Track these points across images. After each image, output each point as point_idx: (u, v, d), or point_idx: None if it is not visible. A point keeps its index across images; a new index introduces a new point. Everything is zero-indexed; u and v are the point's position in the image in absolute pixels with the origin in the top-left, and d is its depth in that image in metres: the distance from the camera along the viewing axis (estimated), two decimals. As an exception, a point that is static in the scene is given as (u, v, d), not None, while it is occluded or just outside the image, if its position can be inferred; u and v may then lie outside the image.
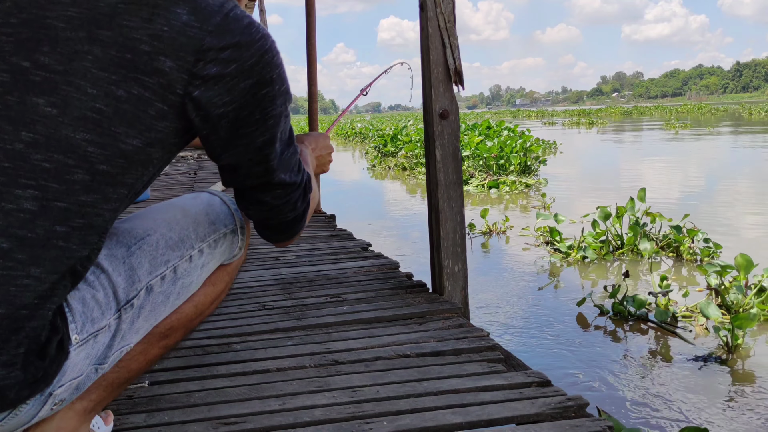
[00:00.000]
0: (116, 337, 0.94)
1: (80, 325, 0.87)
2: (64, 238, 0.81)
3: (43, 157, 0.78)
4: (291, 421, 1.29)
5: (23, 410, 0.85)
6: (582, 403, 1.34)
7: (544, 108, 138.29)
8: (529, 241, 5.23)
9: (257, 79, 0.89)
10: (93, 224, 0.84)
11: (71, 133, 0.80)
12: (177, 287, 1.04)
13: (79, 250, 0.83)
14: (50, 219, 0.79)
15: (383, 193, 9.34)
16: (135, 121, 0.83)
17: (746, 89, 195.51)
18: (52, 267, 0.80)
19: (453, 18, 2.10)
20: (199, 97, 0.86)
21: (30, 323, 0.79)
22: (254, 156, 0.96)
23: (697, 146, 15.14)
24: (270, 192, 1.02)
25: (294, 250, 3.02)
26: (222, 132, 0.91)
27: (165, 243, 1.01)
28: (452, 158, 2.18)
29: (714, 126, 25.17)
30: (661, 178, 9.16)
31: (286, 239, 1.13)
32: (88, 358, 0.90)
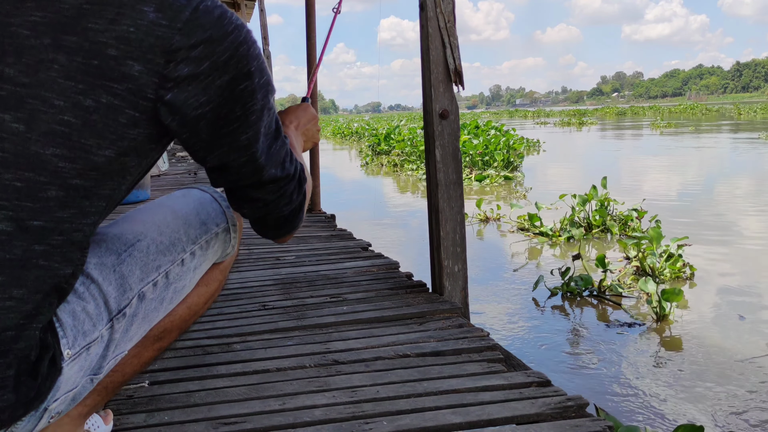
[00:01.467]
0: (110, 346, 0.92)
1: (72, 339, 0.85)
2: (44, 257, 0.78)
3: (13, 177, 0.75)
4: (291, 421, 1.29)
5: (19, 426, 0.83)
6: (582, 403, 1.34)
7: (542, 108, 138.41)
8: (504, 228, 5.86)
9: (234, 74, 0.84)
10: (73, 240, 0.81)
11: (40, 149, 0.76)
12: (170, 292, 1.02)
13: (61, 267, 0.80)
14: (27, 239, 0.77)
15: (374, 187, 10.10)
16: (105, 132, 0.79)
17: (746, 89, 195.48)
18: (34, 287, 0.78)
19: (453, 18, 2.10)
20: (173, 100, 0.82)
21: (17, 345, 0.77)
22: (240, 155, 0.91)
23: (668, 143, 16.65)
24: (262, 189, 0.97)
25: (294, 250, 3.02)
26: (203, 134, 0.87)
27: (156, 248, 0.98)
28: (452, 158, 2.18)
29: (697, 126, 26.25)
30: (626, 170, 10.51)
31: (285, 234, 1.08)
32: (81, 370, 0.89)
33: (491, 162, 10.31)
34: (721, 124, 26.79)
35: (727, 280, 4.00)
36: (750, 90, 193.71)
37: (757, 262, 4.43)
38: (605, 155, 14.19)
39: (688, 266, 4.01)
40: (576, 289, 3.61)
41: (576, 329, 3.18)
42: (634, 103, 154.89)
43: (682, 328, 3.06)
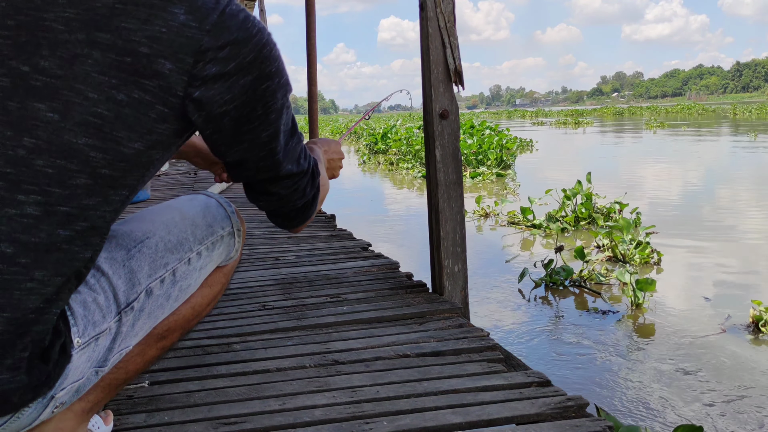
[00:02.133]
0: (116, 339, 0.95)
1: (82, 328, 0.87)
2: (67, 242, 0.81)
3: (45, 163, 0.78)
4: (291, 421, 1.29)
5: (25, 413, 0.85)
6: (582, 403, 1.34)
7: (542, 108, 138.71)
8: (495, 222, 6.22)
9: (257, 74, 0.89)
10: (95, 226, 0.84)
11: (73, 138, 0.79)
12: (176, 290, 1.05)
13: (81, 251, 0.83)
14: (53, 223, 0.80)
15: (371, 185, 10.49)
16: (136, 125, 0.83)
17: (746, 89, 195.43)
18: (55, 270, 0.80)
19: (453, 18, 2.10)
20: (200, 98, 0.86)
21: (35, 327, 0.79)
22: (260, 151, 0.97)
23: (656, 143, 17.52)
24: (278, 183, 1.03)
25: (294, 250, 3.03)
26: (225, 130, 0.92)
27: (164, 246, 1.02)
28: (452, 158, 2.18)
29: (689, 126, 26.80)
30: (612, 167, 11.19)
31: (298, 225, 1.15)
32: (89, 361, 0.91)
33: (485, 160, 10.79)
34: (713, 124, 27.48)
35: (692, 264, 4.44)
36: (750, 90, 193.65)
37: (719, 248, 4.93)
38: (595, 153, 14.87)
39: (656, 252, 4.40)
40: (558, 280, 3.83)
41: (556, 318, 3.37)
42: (634, 103, 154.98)
43: (654, 314, 3.31)
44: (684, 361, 2.71)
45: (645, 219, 5.40)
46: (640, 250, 4.38)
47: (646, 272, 4.10)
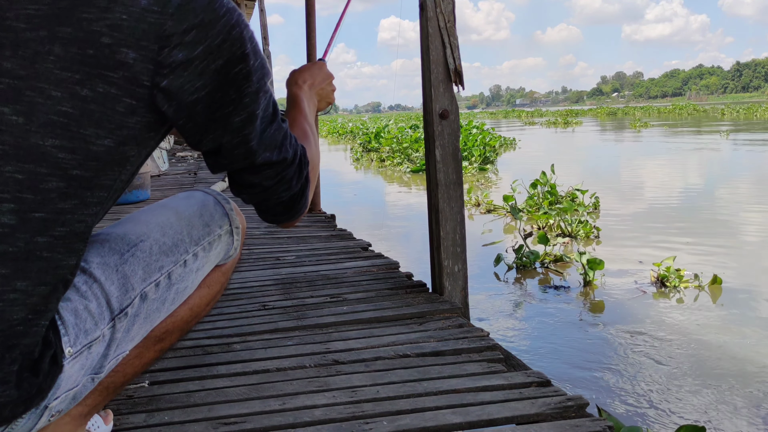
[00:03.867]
0: (111, 346, 0.92)
1: (73, 337, 0.85)
2: (47, 249, 0.78)
3: (14, 169, 0.75)
4: (291, 421, 1.29)
5: (19, 424, 0.83)
6: (582, 403, 1.34)
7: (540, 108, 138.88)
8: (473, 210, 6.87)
9: (228, 57, 0.84)
10: (75, 231, 0.81)
11: (40, 140, 0.76)
12: (172, 293, 1.01)
13: (64, 258, 0.81)
14: (30, 231, 0.77)
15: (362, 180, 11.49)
16: (104, 121, 0.79)
17: (746, 89, 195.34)
18: (38, 279, 0.78)
19: (453, 18, 2.10)
20: (169, 87, 0.82)
21: (24, 339, 0.77)
22: (233, 138, 0.90)
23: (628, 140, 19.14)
24: (260, 173, 0.96)
25: (294, 250, 3.02)
26: (198, 118, 0.87)
27: (159, 248, 0.98)
28: (452, 158, 2.18)
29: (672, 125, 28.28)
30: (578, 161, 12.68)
31: (288, 219, 1.06)
32: (83, 369, 0.89)
33: (469, 157, 11.73)
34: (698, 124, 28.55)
35: (628, 235, 5.40)
36: (750, 90, 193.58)
37: (647, 219, 6.10)
38: (569, 149, 16.64)
39: (596, 228, 5.37)
40: (528, 263, 4.36)
41: (521, 295, 3.90)
42: (634, 103, 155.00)
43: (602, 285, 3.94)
44: (621, 322, 3.27)
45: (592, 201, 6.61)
46: (583, 227, 5.30)
47: (589, 244, 5.09)
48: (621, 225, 5.87)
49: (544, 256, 4.45)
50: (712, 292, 3.71)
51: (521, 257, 4.37)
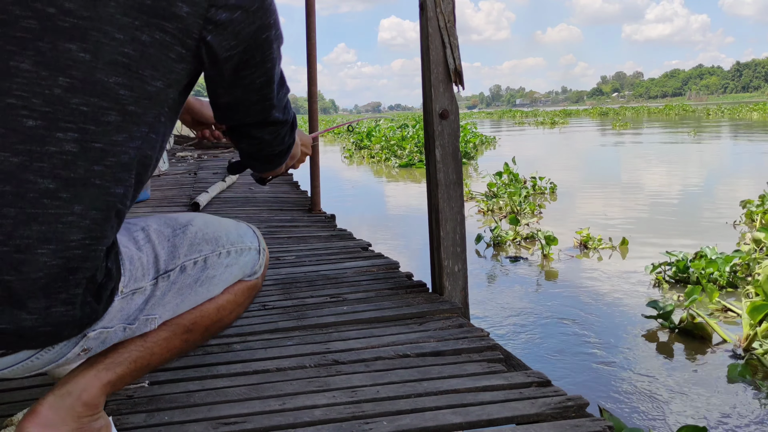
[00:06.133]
0: (148, 302, 1.02)
1: (127, 279, 0.96)
2: (100, 177, 0.86)
3: (80, 101, 0.83)
4: (291, 421, 1.29)
5: (57, 347, 0.92)
6: (582, 403, 1.34)
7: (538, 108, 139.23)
8: None
9: (259, 24, 0.96)
10: (122, 162, 0.89)
11: (104, 77, 0.84)
12: (204, 276, 1.11)
13: (113, 187, 0.88)
14: (89, 159, 0.85)
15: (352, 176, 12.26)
16: (159, 64, 0.89)
17: (746, 89, 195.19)
18: (92, 204, 0.86)
19: (453, 18, 2.10)
20: (212, 42, 0.92)
21: (85, 264, 0.86)
22: (253, 95, 1.04)
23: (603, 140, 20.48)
24: (265, 129, 1.11)
25: (294, 250, 3.02)
26: (226, 73, 0.98)
27: (202, 236, 1.11)
28: (452, 158, 2.18)
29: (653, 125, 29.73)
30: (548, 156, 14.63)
31: (271, 169, 1.24)
32: (122, 312, 0.98)
33: None
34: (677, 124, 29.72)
35: (566, 213, 6.71)
36: (750, 90, 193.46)
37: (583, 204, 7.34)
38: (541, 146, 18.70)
39: (540, 206, 6.70)
40: (503, 240, 5.22)
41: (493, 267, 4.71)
42: (635, 103, 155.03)
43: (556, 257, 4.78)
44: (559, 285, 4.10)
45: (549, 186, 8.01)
46: (530, 205, 6.57)
47: (535, 218, 6.10)
48: (566, 204, 7.37)
49: (516, 235, 5.29)
50: (621, 250, 4.89)
51: (496, 236, 5.23)
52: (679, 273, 3.92)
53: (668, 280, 3.97)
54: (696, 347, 2.93)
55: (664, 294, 3.78)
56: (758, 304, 2.86)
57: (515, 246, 5.20)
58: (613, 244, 4.94)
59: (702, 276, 3.79)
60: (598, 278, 4.16)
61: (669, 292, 3.79)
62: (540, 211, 6.52)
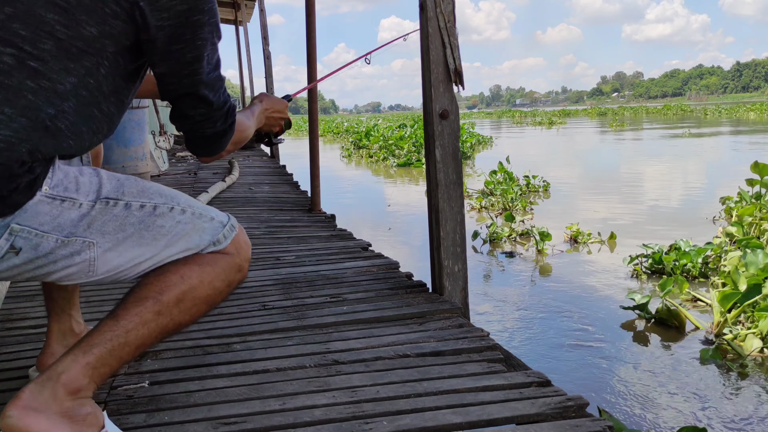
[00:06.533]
0: (85, 221, 1.08)
1: (54, 183, 1.05)
2: (32, 93, 1.01)
3: (20, 27, 0.99)
4: (291, 421, 1.29)
5: None
6: (582, 403, 1.34)
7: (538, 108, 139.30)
8: None
9: (191, 6, 1.09)
10: (56, 89, 1.03)
11: (43, 12, 1.00)
12: (151, 222, 1.15)
13: (44, 106, 1.02)
14: (23, 73, 1.00)
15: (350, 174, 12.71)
16: (93, 13, 1.03)
17: (746, 89, 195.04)
18: (21, 112, 1.00)
19: (453, 18, 2.10)
20: (144, 8, 1.06)
21: (5, 153, 0.98)
22: (184, 69, 1.15)
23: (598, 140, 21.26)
24: (195, 108, 1.20)
25: (294, 250, 3.02)
26: (159, 43, 1.11)
27: (157, 189, 1.20)
28: (452, 158, 2.18)
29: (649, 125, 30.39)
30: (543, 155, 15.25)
31: (206, 154, 1.32)
32: (52, 217, 1.05)
33: None
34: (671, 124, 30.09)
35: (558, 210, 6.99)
36: (750, 90, 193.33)
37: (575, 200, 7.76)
38: (538, 146, 19.23)
39: (531, 203, 7.14)
40: (500, 236, 5.47)
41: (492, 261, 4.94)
42: (635, 103, 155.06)
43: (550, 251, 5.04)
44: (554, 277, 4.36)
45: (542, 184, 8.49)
46: (521, 201, 6.96)
47: (526, 215, 6.42)
48: (558, 201, 7.75)
49: (511, 231, 5.52)
50: (610, 244, 5.19)
51: (493, 233, 5.50)
52: (655, 264, 4.18)
53: (645, 271, 4.24)
54: (671, 335, 3.14)
55: (642, 285, 4.05)
56: (728, 293, 3.08)
57: (510, 242, 5.44)
58: (602, 239, 5.26)
59: (676, 267, 4.06)
60: (587, 271, 4.44)
61: (646, 283, 4.06)
62: (531, 208, 6.87)
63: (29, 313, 2.17)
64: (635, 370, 2.74)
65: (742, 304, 3.07)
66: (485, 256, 5.07)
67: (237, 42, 14.17)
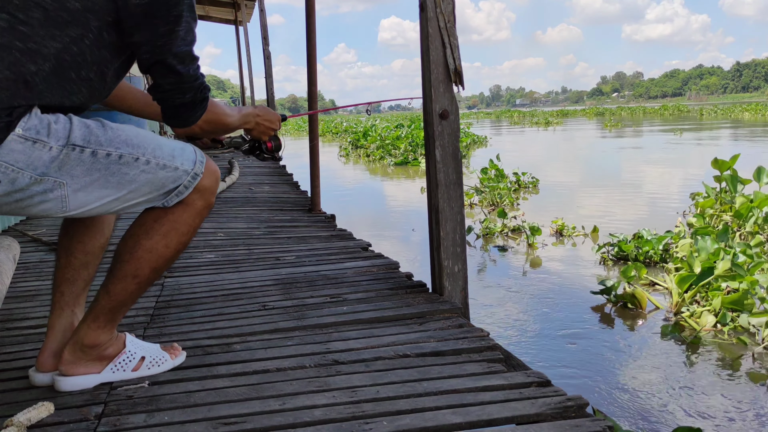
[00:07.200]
0: (55, 162, 1.24)
1: (28, 126, 1.21)
2: (19, 51, 1.19)
3: None
4: (291, 421, 1.29)
5: None
6: (582, 403, 1.34)
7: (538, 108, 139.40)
8: None
9: None
10: (41, 52, 1.21)
11: None
12: (116, 169, 1.32)
13: (27, 63, 1.20)
14: (13, 35, 1.18)
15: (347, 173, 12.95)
16: None
17: (746, 89, 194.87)
18: (7, 66, 1.18)
19: (453, 18, 2.10)
20: None
21: None
22: (158, 40, 1.29)
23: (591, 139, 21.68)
24: (164, 77, 1.34)
25: (294, 250, 3.03)
26: (136, 17, 1.26)
27: (125, 140, 1.34)
28: (452, 158, 2.18)
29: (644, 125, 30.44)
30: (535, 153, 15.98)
31: (177, 124, 1.44)
32: (25, 155, 1.21)
33: None
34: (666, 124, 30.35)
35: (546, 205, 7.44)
36: (750, 90, 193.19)
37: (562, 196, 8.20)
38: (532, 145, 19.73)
39: (517, 199, 7.59)
40: (493, 231, 5.76)
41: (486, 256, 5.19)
42: (635, 103, 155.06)
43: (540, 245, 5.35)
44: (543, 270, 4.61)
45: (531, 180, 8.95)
46: (508, 197, 7.37)
47: (515, 209, 6.82)
48: (547, 196, 8.19)
49: (503, 227, 5.82)
50: (593, 237, 5.49)
51: (486, 227, 5.79)
52: (621, 252, 4.60)
53: (611, 258, 4.67)
54: (633, 315, 3.51)
55: (608, 271, 4.48)
56: (684, 275, 3.49)
57: (503, 237, 5.73)
58: (586, 232, 5.62)
59: (639, 254, 4.47)
60: (570, 262, 4.81)
61: (612, 270, 4.49)
62: (518, 204, 7.35)
63: (29, 313, 2.17)
64: (604, 348, 3.06)
65: (697, 285, 3.45)
66: (479, 250, 5.33)
67: (237, 42, 14.17)
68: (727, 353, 2.92)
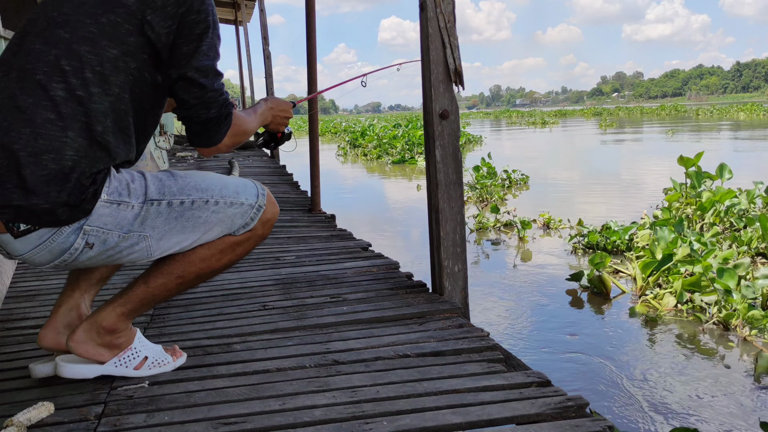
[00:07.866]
0: (138, 218, 1.36)
1: (111, 190, 1.32)
2: (84, 116, 1.27)
3: (66, 63, 1.27)
4: (291, 421, 1.29)
5: (64, 233, 1.29)
6: (582, 403, 1.34)
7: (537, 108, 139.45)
8: None
9: (187, 7, 1.35)
10: (99, 109, 1.29)
11: (78, 47, 1.28)
12: (190, 214, 1.42)
13: (94, 125, 1.28)
14: (74, 102, 1.27)
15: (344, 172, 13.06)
16: (113, 37, 1.30)
17: (746, 89, 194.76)
18: (79, 133, 1.27)
19: (453, 18, 2.10)
20: (151, 20, 1.32)
21: (74, 174, 1.26)
22: (182, 59, 1.37)
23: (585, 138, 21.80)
24: (188, 92, 1.40)
25: (294, 250, 3.02)
26: (164, 39, 1.34)
27: (194, 185, 1.44)
28: (452, 158, 2.18)
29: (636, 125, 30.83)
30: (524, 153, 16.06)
31: (204, 143, 1.47)
32: (113, 219, 1.33)
33: None
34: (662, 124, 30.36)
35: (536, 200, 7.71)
36: (750, 90, 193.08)
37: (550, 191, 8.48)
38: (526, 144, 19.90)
39: (505, 195, 7.91)
40: (486, 225, 6.01)
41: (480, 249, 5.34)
42: (635, 104, 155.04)
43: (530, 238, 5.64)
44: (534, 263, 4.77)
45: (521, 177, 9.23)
46: (498, 194, 7.76)
47: (503, 204, 7.10)
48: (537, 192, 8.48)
49: (496, 222, 6.06)
50: (578, 229, 5.49)
51: (480, 222, 6.04)
52: (590, 242, 4.91)
53: (582, 248, 4.99)
54: (602, 299, 3.81)
55: (579, 260, 4.80)
56: (647, 262, 3.84)
57: (495, 231, 5.96)
58: (572, 224, 5.81)
59: (608, 243, 4.83)
60: (554, 252, 5.07)
61: (581, 258, 4.82)
62: (505, 200, 7.66)
63: (29, 313, 2.17)
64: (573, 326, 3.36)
65: (658, 271, 3.79)
66: (472, 244, 5.54)
67: (237, 42, 14.17)
68: (684, 329, 3.26)
